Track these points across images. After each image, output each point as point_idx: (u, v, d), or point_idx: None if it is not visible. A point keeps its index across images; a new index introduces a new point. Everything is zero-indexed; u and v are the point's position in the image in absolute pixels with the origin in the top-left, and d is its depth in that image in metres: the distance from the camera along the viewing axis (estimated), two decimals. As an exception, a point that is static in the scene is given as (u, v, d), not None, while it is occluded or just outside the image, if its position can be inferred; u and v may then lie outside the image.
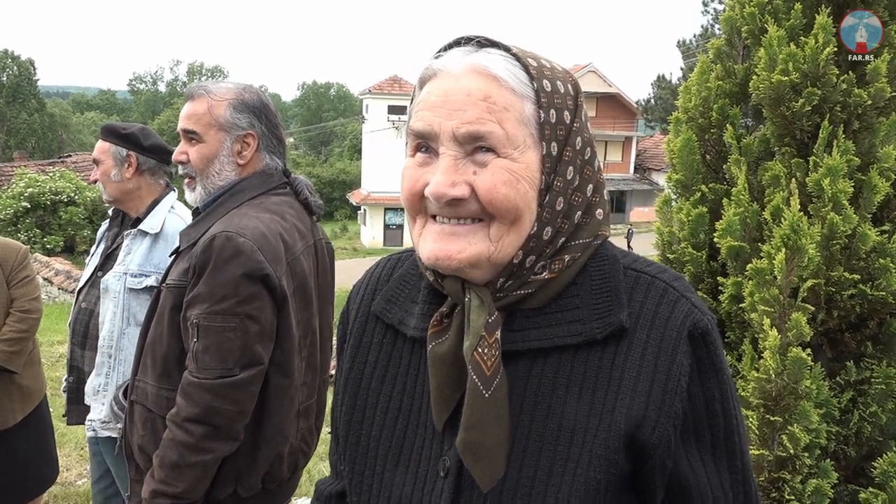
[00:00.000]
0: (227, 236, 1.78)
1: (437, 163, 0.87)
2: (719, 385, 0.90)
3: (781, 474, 1.94)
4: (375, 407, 0.99)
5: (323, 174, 47.64)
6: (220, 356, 1.75)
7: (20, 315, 3.05)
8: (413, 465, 0.94)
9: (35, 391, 3.16)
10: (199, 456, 1.75)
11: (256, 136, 2.00)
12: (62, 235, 21.12)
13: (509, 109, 0.86)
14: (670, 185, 2.41)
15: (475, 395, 0.85)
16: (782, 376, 1.90)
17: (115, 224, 2.82)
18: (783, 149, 2.15)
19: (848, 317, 2.06)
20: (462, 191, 0.85)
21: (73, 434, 5.20)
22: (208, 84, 2.05)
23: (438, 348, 0.90)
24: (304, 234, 2.04)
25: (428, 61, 0.92)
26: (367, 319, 1.05)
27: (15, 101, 53.11)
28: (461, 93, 0.86)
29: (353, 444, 1.01)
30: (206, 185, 2.00)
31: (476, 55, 0.88)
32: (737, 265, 2.12)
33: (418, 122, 0.89)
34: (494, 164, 0.86)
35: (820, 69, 2.02)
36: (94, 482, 2.95)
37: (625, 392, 0.86)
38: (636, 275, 0.93)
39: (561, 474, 0.86)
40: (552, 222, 0.90)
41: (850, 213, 1.96)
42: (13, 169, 24.44)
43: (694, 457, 0.90)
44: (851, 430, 2.05)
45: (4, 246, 3.12)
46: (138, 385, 1.97)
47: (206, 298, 1.76)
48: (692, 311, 0.90)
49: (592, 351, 0.89)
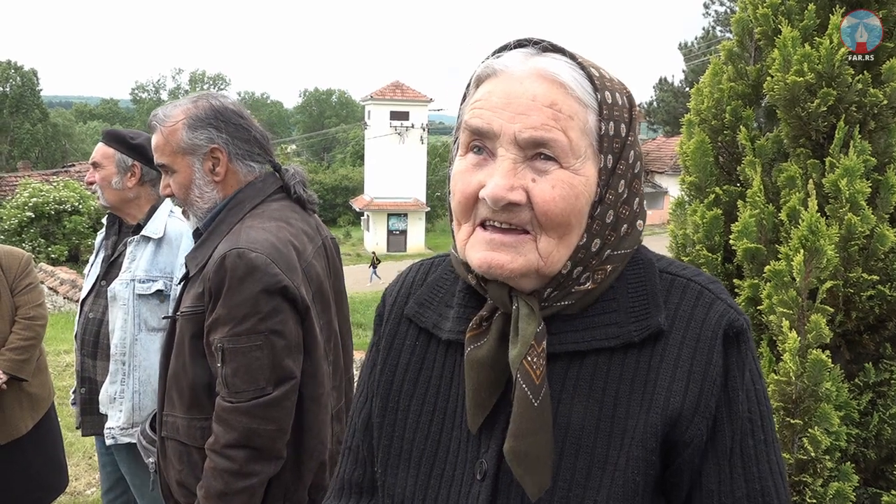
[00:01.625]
0: (239, 253, 1.72)
1: (492, 164, 0.85)
2: (744, 386, 0.88)
3: (802, 477, 1.92)
4: (408, 409, 0.99)
5: (326, 180, 47.71)
6: (250, 377, 1.70)
7: (26, 322, 3.06)
8: (449, 468, 0.94)
9: (43, 399, 3.16)
10: (244, 481, 1.69)
11: (222, 149, 1.92)
12: (67, 245, 21.16)
13: (574, 118, 0.84)
14: (684, 188, 2.40)
15: (525, 403, 0.84)
16: (802, 379, 1.88)
17: (112, 232, 2.82)
18: (798, 150, 2.14)
19: (866, 318, 2.04)
20: (519, 196, 0.84)
21: (82, 444, 5.19)
22: (160, 112, 1.99)
23: (477, 352, 0.89)
24: (312, 235, 1.99)
25: (487, 60, 0.90)
26: (400, 322, 1.05)
27: (18, 112, 53.34)
28: (526, 96, 0.84)
29: (385, 447, 1.00)
30: (194, 211, 1.96)
31: (541, 59, 0.86)
32: (753, 267, 2.11)
33: (476, 118, 0.86)
34: (555, 176, 0.84)
35: (835, 69, 2.01)
36: (105, 493, 2.94)
37: (660, 392, 0.86)
38: (672, 278, 0.93)
39: (599, 477, 0.85)
40: (601, 234, 0.89)
41: (867, 213, 1.95)
42: (17, 179, 24.54)
43: (708, 460, 0.88)
44: (871, 432, 2.03)
45: (8, 254, 3.13)
46: (167, 420, 1.90)
47: (227, 321, 1.71)
48: (728, 311, 0.89)
49: (629, 354, 0.88)
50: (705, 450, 0.87)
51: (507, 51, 0.90)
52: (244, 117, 1.99)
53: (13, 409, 3.01)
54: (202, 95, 2.01)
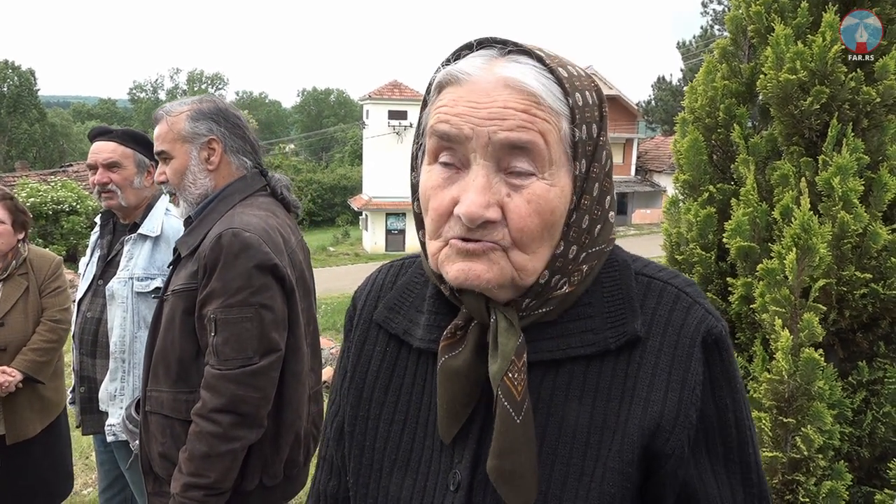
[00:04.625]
0: (234, 232, 1.86)
1: (465, 177, 0.81)
2: (732, 394, 0.87)
3: (795, 476, 1.92)
4: (379, 418, 0.96)
5: (324, 180, 47.62)
6: (239, 346, 1.82)
7: (51, 325, 3.09)
8: (421, 478, 0.91)
9: (55, 404, 3.17)
10: (228, 444, 1.81)
11: (219, 140, 2.08)
12: (64, 245, 21.12)
13: (549, 122, 0.80)
14: (677, 186, 2.40)
15: (507, 421, 0.81)
16: (795, 377, 1.88)
17: (107, 231, 2.83)
18: (791, 148, 2.14)
19: (860, 316, 2.04)
20: (495, 213, 0.79)
21: (78, 444, 5.18)
22: (167, 105, 2.16)
23: (452, 362, 0.87)
24: (294, 230, 2.15)
25: (446, 64, 0.85)
26: (370, 327, 1.01)
27: (16, 112, 53.28)
28: (496, 105, 0.79)
29: (356, 456, 0.98)
30: (185, 197, 2.09)
31: (506, 66, 0.81)
32: (746, 266, 2.11)
33: (443, 124, 0.81)
34: (531, 190, 0.80)
35: (828, 67, 2.01)
36: (102, 491, 2.95)
37: (637, 402, 0.83)
38: (648, 280, 0.90)
39: (575, 489, 0.83)
40: (578, 240, 0.86)
41: (860, 211, 1.95)
42: (15, 179, 24.50)
43: (705, 469, 0.86)
44: (865, 430, 2.03)
45: (40, 256, 3.17)
46: (151, 395, 1.99)
47: (221, 293, 1.83)
48: (706, 317, 0.87)
49: (606, 361, 0.85)
50: (699, 460, 0.86)
51: (466, 53, 0.85)
52: (241, 119, 2.17)
53: (24, 411, 3.02)
54: (206, 97, 2.18)
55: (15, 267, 3.05)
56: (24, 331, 3.04)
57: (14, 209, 3.04)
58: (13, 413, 3.00)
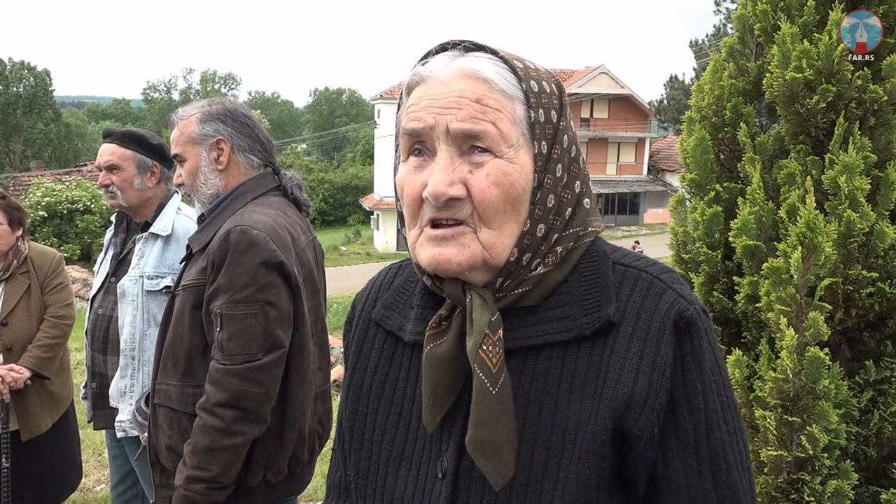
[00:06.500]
0: (242, 230, 1.89)
1: (433, 164, 0.88)
2: (702, 378, 0.87)
3: (801, 475, 1.91)
4: (377, 412, 1.01)
5: (336, 179, 47.77)
6: (244, 342, 1.84)
7: (54, 321, 3.14)
8: (414, 468, 0.95)
9: (63, 398, 3.22)
10: (230, 439, 1.83)
11: (226, 140, 2.12)
12: (79, 243, 21.36)
13: (501, 110, 0.88)
14: (684, 185, 2.40)
15: (483, 392, 0.85)
16: (800, 376, 1.88)
17: (121, 230, 2.88)
18: (798, 146, 2.13)
19: (867, 315, 2.03)
20: (459, 190, 0.86)
21: (91, 440, 5.24)
22: (179, 110, 2.22)
23: (436, 350, 0.91)
24: (304, 229, 2.17)
25: (414, 67, 0.93)
26: (368, 326, 1.07)
27: (31, 112, 53.83)
28: (453, 95, 0.87)
29: (356, 450, 1.02)
30: (198, 197, 2.15)
31: (464, 59, 0.90)
32: (753, 264, 2.10)
33: (412, 122, 0.89)
34: (491, 165, 0.87)
35: (834, 65, 2.00)
36: (114, 486, 2.99)
37: (609, 384, 0.86)
38: (624, 269, 0.93)
39: (556, 472, 0.86)
40: (545, 219, 0.91)
41: (867, 210, 1.94)
42: (30, 178, 24.79)
43: (673, 453, 0.87)
44: (872, 430, 2.02)
45: (40, 253, 3.21)
46: (160, 388, 2.03)
47: (228, 289, 1.86)
48: (678, 301, 0.89)
49: (583, 347, 0.89)
50: (667, 444, 0.87)
51: (432, 56, 0.93)
52: (251, 119, 2.21)
53: (35, 407, 3.08)
54: (217, 99, 2.23)
55: (16, 266, 3.09)
56: (29, 329, 3.08)
57: (8, 207, 3.08)
58: (24, 409, 3.05)
